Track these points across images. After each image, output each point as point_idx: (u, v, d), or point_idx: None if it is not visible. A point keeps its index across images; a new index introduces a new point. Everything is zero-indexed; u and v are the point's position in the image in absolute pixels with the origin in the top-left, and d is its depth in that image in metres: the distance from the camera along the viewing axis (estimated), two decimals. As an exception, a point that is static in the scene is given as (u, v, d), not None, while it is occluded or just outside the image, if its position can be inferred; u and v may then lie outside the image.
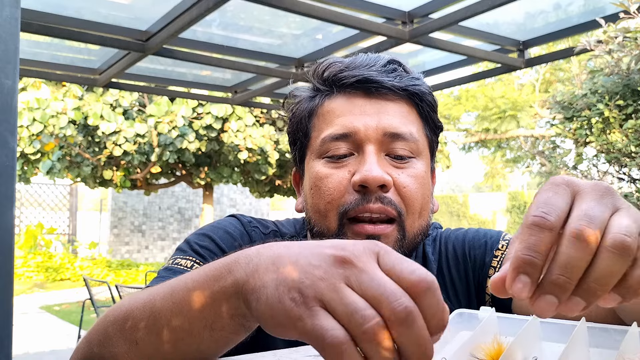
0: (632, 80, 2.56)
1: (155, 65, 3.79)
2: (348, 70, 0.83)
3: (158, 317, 0.55)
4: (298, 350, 0.64)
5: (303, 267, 0.43)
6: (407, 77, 0.84)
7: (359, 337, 0.40)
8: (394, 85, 0.82)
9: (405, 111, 0.83)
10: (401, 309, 0.40)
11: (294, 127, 0.89)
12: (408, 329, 0.40)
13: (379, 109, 0.81)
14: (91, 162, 8.21)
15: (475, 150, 17.59)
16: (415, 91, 0.84)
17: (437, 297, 0.42)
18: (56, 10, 2.74)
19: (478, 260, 0.93)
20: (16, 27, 1.28)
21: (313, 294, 0.41)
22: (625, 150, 2.60)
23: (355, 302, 0.40)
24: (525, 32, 3.14)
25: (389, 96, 0.82)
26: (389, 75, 0.82)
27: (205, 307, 0.51)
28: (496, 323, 0.61)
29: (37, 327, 6.80)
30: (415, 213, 0.81)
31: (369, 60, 0.85)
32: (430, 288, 0.41)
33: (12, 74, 1.26)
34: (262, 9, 2.87)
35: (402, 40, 2.86)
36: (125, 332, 0.58)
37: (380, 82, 0.81)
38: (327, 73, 0.85)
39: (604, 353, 0.55)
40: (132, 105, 7.85)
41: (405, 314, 0.40)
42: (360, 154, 0.80)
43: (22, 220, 12.87)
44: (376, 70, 0.82)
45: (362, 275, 0.41)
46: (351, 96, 0.83)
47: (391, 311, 0.40)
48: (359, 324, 0.39)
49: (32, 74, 3.86)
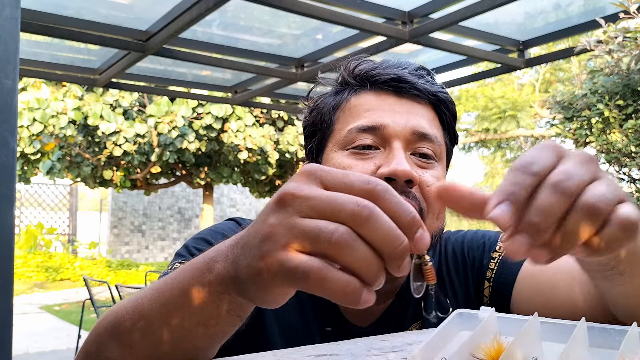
0: (632, 80, 2.56)
1: (155, 65, 3.79)
2: (381, 69, 0.84)
3: (148, 320, 0.56)
4: (298, 350, 0.64)
5: (258, 228, 0.44)
6: (436, 84, 0.86)
7: (333, 253, 0.40)
8: (425, 89, 0.84)
9: (432, 116, 0.85)
10: (360, 208, 0.40)
11: (315, 119, 0.89)
12: (375, 225, 0.40)
13: (408, 109, 0.83)
14: (91, 162, 8.21)
15: (475, 150, 17.59)
16: (443, 98, 0.86)
17: (396, 196, 0.42)
18: (56, 10, 2.74)
19: (476, 261, 0.93)
20: (16, 27, 1.28)
21: (275, 242, 0.42)
22: (625, 150, 2.60)
23: (315, 225, 0.41)
24: (525, 32, 3.14)
25: (418, 99, 0.84)
26: (421, 79, 0.84)
27: (193, 305, 0.52)
28: (496, 323, 0.61)
29: (37, 327, 6.80)
30: (435, 213, 0.82)
31: (400, 63, 0.87)
32: (386, 189, 0.42)
33: (12, 74, 1.26)
34: (262, 9, 2.87)
35: (402, 40, 2.86)
36: (118, 337, 0.59)
37: (412, 83, 0.83)
38: (358, 69, 0.86)
39: (604, 353, 0.55)
40: (132, 105, 7.85)
41: (367, 211, 0.40)
42: (387, 149, 0.81)
43: (22, 220, 12.87)
44: (408, 72, 0.84)
45: (310, 200, 0.42)
46: (381, 93, 0.84)
47: (351, 215, 0.40)
48: (326, 241, 0.40)
49: (32, 74, 3.86)
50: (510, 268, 0.89)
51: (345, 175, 0.43)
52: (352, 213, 0.41)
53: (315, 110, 0.89)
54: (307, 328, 0.86)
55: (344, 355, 0.61)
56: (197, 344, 0.55)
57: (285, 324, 0.85)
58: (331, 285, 0.40)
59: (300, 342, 0.84)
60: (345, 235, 0.40)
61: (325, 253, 0.40)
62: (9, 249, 1.19)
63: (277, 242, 0.42)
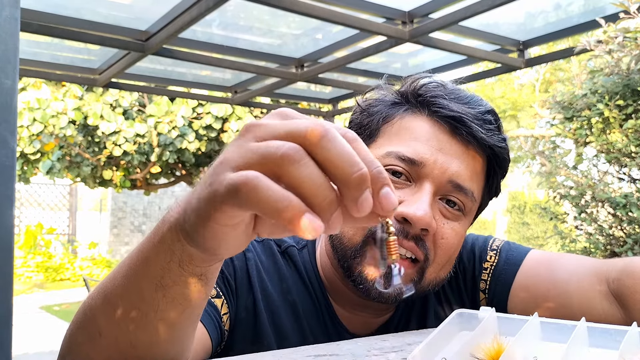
0: (632, 80, 2.56)
1: (155, 65, 3.78)
2: (447, 100, 0.79)
3: (112, 299, 0.53)
4: (298, 351, 0.64)
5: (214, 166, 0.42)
6: (497, 136, 0.81)
7: (278, 170, 0.38)
8: (482, 139, 0.79)
9: (479, 169, 0.81)
10: (315, 126, 0.39)
11: (362, 120, 0.85)
12: (328, 144, 0.38)
13: (457, 153, 0.78)
14: (91, 162, 8.21)
15: (475, 150, 17.57)
16: (498, 153, 0.81)
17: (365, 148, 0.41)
18: (56, 10, 2.74)
19: (468, 273, 0.93)
20: (16, 27, 1.28)
21: (225, 166, 0.40)
22: (626, 150, 2.60)
23: (264, 144, 0.39)
24: (526, 32, 3.14)
25: (472, 145, 0.79)
26: (483, 127, 0.79)
27: (150, 265, 0.50)
28: (496, 323, 0.61)
29: (37, 327, 6.80)
30: (441, 264, 0.80)
31: (470, 99, 0.81)
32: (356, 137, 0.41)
33: (12, 73, 1.26)
34: (262, 9, 2.87)
35: (402, 40, 2.86)
36: (86, 327, 0.57)
37: (472, 129, 0.78)
38: (423, 90, 0.81)
39: (604, 353, 0.55)
40: (132, 105, 7.85)
41: (321, 129, 0.39)
42: (417, 186, 0.77)
43: (22, 220, 12.87)
44: (473, 115, 0.79)
45: (268, 127, 0.41)
46: (436, 125, 0.79)
47: (304, 132, 0.39)
48: (271, 156, 0.38)
49: (32, 73, 3.86)
50: (505, 277, 0.89)
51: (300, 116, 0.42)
52: (305, 131, 0.39)
53: (366, 113, 0.85)
54: (305, 338, 0.85)
55: (344, 355, 0.61)
56: (162, 315, 0.52)
57: (283, 334, 0.84)
58: (262, 195, 0.37)
59: (292, 339, 0.83)
60: (290, 151, 0.38)
61: (272, 170, 0.38)
62: (9, 249, 1.19)
63: (227, 165, 0.40)
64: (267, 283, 0.85)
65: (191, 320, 0.55)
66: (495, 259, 0.90)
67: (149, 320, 0.52)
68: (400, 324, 0.91)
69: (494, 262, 0.90)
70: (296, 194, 0.37)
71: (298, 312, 0.85)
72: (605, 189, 2.71)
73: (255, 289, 0.84)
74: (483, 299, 0.91)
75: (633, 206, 2.49)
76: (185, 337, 0.56)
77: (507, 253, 0.91)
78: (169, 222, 0.48)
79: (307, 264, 0.89)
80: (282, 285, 0.86)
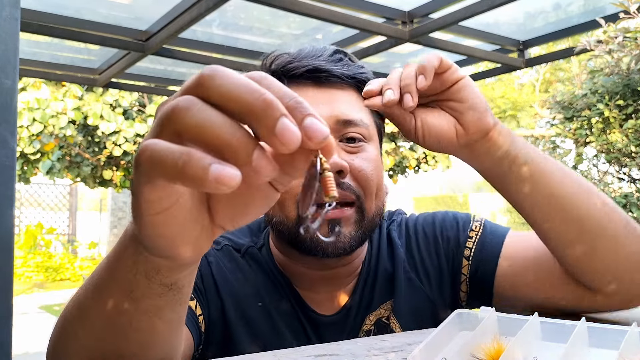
0: (632, 80, 2.56)
1: (155, 65, 3.79)
2: (296, 61, 0.84)
3: (86, 310, 0.52)
4: (297, 351, 0.64)
5: None
6: (354, 66, 0.86)
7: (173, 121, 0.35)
8: (342, 74, 0.83)
9: (354, 99, 0.85)
10: (207, 69, 0.35)
11: None
12: (221, 80, 0.35)
13: (329, 98, 0.82)
14: (91, 162, 8.21)
15: (475, 150, 17.57)
16: (363, 79, 0.85)
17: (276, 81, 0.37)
18: (56, 10, 2.74)
19: (452, 240, 0.94)
20: (16, 27, 1.28)
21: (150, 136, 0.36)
22: (625, 150, 2.60)
23: (162, 109, 0.36)
24: (525, 32, 3.14)
25: (338, 85, 0.84)
26: (337, 65, 0.84)
27: (117, 279, 0.48)
28: (496, 323, 0.62)
29: (37, 327, 6.80)
30: (372, 194, 0.83)
31: (315, 51, 0.87)
32: (265, 76, 0.36)
33: (12, 74, 1.26)
34: (262, 9, 2.87)
35: (402, 40, 2.86)
36: (66, 340, 0.56)
37: (329, 71, 0.83)
38: (275, 65, 0.86)
39: (603, 353, 0.56)
40: (132, 105, 7.85)
41: (212, 69, 0.35)
42: None
43: (22, 220, 12.88)
44: (324, 60, 0.84)
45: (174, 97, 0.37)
46: (301, 86, 0.84)
47: (198, 80, 0.36)
48: (167, 114, 0.35)
49: (31, 74, 3.86)
50: (492, 246, 0.90)
51: None
52: (196, 78, 0.36)
53: None
54: (279, 334, 0.85)
55: (344, 355, 0.61)
56: (141, 327, 0.50)
57: (257, 334, 0.84)
58: (159, 157, 0.34)
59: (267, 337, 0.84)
60: (181, 102, 0.34)
61: (173, 133, 0.35)
62: (9, 249, 1.19)
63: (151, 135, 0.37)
64: (234, 284, 0.87)
65: (172, 327, 0.53)
66: (480, 229, 0.93)
67: (127, 331, 0.50)
68: (368, 292, 0.90)
69: (479, 232, 0.92)
70: (201, 146, 0.34)
71: (269, 310, 0.86)
72: (605, 189, 2.71)
73: (223, 293, 0.85)
74: (466, 265, 0.91)
75: (633, 206, 2.49)
76: (169, 343, 0.54)
77: (491, 225, 0.94)
78: (128, 232, 0.45)
79: (267, 260, 0.91)
80: (248, 285, 0.87)
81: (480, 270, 0.89)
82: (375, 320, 0.88)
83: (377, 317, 0.89)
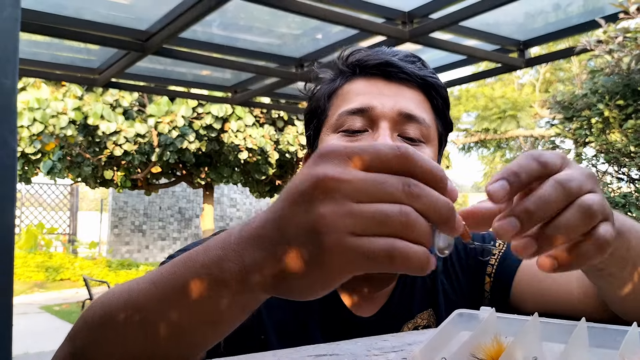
0: (632, 80, 2.56)
1: (155, 65, 3.79)
2: (371, 56, 0.86)
3: (144, 314, 0.52)
4: (298, 350, 0.64)
5: (298, 220, 0.41)
6: (426, 70, 0.88)
7: (402, 232, 0.40)
8: (413, 73, 0.85)
9: (421, 99, 0.86)
10: (411, 187, 0.41)
11: (312, 106, 0.91)
12: (425, 198, 0.41)
13: (396, 92, 0.84)
14: (92, 162, 8.21)
15: (474, 151, 17.58)
16: (432, 83, 0.87)
17: (423, 156, 0.43)
18: (56, 10, 2.75)
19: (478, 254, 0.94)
20: (16, 27, 1.28)
21: (338, 231, 0.40)
22: (625, 150, 2.60)
23: (376, 209, 0.40)
24: (526, 32, 3.14)
25: (406, 82, 0.85)
26: (410, 65, 0.86)
27: (205, 304, 0.48)
28: (496, 323, 0.62)
29: (37, 327, 6.80)
30: None
31: (392, 50, 0.89)
32: (414, 151, 0.42)
33: (12, 73, 1.26)
34: (262, 9, 2.87)
35: (402, 40, 2.86)
36: (110, 329, 0.55)
37: (401, 67, 0.84)
38: (351, 57, 0.88)
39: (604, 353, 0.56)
40: (132, 105, 7.85)
41: (417, 188, 0.41)
42: (375, 130, 0.82)
43: (23, 220, 12.88)
44: (398, 58, 0.85)
45: (355, 184, 0.41)
46: (371, 78, 0.86)
47: (404, 194, 0.41)
48: (397, 222, 0.40)
49: (32, 73, 3.86)
50: (511, 263, 0.89)
51: (370, 146, 0.42)
52: (405, 192, 0.41)
53: (312, 99, 0.92)
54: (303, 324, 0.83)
55: (344, 355, 0.61)
56: (199, 340, 0.52)
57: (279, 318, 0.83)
58: (413, 260, 0.40)
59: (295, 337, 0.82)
60: (411, 214, 0.41)
61: (394, 234, 0.40)
62: (9, 248, 1.19)
63: (340, 231, 0.39)
64: None
65: (222, 337, 0.54)
66: (504, 246, 0.93)
67: (183, 340, 0.51)
68: (407, 297, 0.89)
69: (502, 249, 0.93)
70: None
71: (299, 307, 0.84)
72: (605, 189, 2.71)
73: None
74: (488, 282, 0.91)
75: (632, 206, 2.49)
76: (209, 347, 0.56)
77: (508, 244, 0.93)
78: (231, 272, 0.45)
79: None
80: None
81: (498, 285, 0.89)
82: (412, 328, 0.87)
83: (415, 325, 0.88)
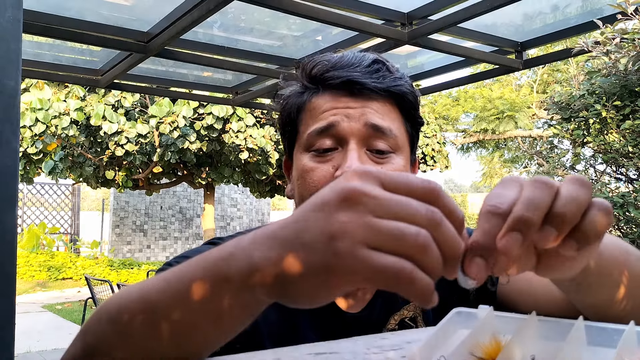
0: (630, 81, 2.56)
1: (156, 66, 3.80)
2: (334, 70, 0.86)
3: (156, 311, 0.52)
4: (298, 349, 0.65)
5: (320, 225, 0.41)
6: (390, 78, 0.87)
7: (415, 254, 0.40)
8: (376, 87, 0.85)
9: (387, 109, 0.86)
10: (434, 214, 0.42)
11: (283, 120, 0.93)
12: (444, 229, 0.42)
13: (363, 104, 0.85)
14: (93, 162, 8.22)
15: (473, 151, 17.58)
16: (396, 91, 0.87)
17: (448, 197, 0.44)
18: (58, 11, 2.76)
19: None
20: (18, 29, 1.29)
21: (353, 240, 0.40)
22: (623, 151, 2.61)
23: (396, 226, 0.40)
24: (524, 34, 3.15)
25: (372, 95, 0.85)
26: (373, 76, 0.85)
27: (214, 305, 0.48)
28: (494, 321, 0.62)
29: (39, 326, 6.81)
30: None
31: (354, 59, 0.87)
32: (441, 190, 0.44)
33: (15, 74, 1.27)
34: (262, 11, 2.89)
35: (401, 42, 2.87)
36: (121, 325, 0.56)
37: (363, 83, 0.84)
38: (314, 71, 0.88)
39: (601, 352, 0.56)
40: (134, 106, 7.87)
41: (439, 217, 0.42)
42: (344, 147, 0.83)
43: (25, 220, 12.89)
44: (360, 71, 0.85)
45: (381, 200, 0.41)
46: (336, 94, 0.86)
47: (427, 219, 0.41)
48: (412, 242, 0.40)
49: (34, 74, 3.87)
50: None
51: (404, 174, 0.44)
52: (427, 217, 0.41)
53: (283, 112, 0.92)
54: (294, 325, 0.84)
55: (344, 353, 0.62)
56: (206, 339, 0.53)
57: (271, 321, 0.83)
58: (418, 286, 0.40)
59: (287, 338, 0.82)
60: (428, 238, 0.41)
61: (406, 254, 0.40)
62: (12, 248, 1.20)
63: (355, 240, 0.40)
64: None
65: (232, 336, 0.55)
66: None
67: (191, 340, 0.52)
68: None
69: None
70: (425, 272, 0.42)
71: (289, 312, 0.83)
72: (603, 189, 2.72)
73: None
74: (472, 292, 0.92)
75: (630, 206, 2.50)
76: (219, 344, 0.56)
77: None
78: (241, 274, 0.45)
79: None
80: None
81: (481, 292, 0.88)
82: (399, 320, 0.88)
83: (401, 317, 0.89)
